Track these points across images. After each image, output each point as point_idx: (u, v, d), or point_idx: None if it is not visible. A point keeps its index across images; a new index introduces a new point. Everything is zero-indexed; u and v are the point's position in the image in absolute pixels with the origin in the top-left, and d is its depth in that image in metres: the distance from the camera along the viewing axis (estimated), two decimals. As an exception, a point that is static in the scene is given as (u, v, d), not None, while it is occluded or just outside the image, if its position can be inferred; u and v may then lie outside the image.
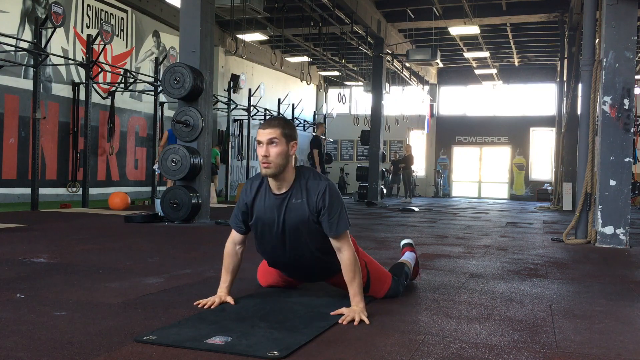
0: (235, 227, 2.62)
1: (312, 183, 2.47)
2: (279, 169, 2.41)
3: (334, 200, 2.45)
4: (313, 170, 2.57)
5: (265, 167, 2.41)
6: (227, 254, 2.63)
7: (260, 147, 2.42)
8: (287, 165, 2.44)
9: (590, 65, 5.78)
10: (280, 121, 2.46)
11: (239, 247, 2.64)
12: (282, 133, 2.41)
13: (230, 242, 2.64)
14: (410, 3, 13.37)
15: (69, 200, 9.96)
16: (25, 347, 1.89)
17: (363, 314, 2.35)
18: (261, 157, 2.40)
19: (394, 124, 18.57)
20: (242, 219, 2.59)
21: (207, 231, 6.09)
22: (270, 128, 2.41)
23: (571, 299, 3.04)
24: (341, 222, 2.45)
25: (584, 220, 5.76)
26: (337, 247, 2.47)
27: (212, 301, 2.52)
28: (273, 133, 2.40)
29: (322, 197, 2.44)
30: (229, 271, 2.61)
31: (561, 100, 15.07)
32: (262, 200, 2.52)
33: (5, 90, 9.21)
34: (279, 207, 2.48)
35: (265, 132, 2.41)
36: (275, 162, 2.40)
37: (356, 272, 2.45)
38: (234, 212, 2.63)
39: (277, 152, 2.39)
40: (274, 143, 2.40)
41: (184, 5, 7.24)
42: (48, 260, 3.74)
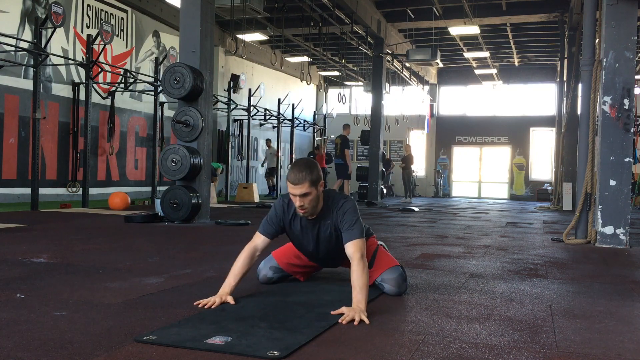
0: (266, 234, 2.82)
1: (335, 204, 2.76)
2: (314, 210, 2.73)
3: (347, 212, 2.73)
4: (335, 193, 2.85)
5: (303, 213, 2.71)
6: (243, 256, 2.74)
7: (294, 198, 2.66)
8: (318, 202, 2.73)
9: (590, 65, 5.78)
10: (306, 171, 2.62)
11: (258, 254, 2.81)
12: (310, 183, 2.62)
13: (252, 247, 2.78)
14: (410, 3, 13.37)
15: (69, 200, 9.96)
16: (25, 347, 1.89)
17: (363, 314, 2.37)
18: (298, 207, 2.68)
19: (394, 124, 18.57)
20: (276, 231, 2.84)
21: (207, 231, 6.09)
22: (300, 184, 2.61)
23: (571, 299, 3.04)
24: (354, 231, 2.68)
25: (584, 220, 5.76)
26: (349, 253, 2.66)
27: (212, 301, 2.53)
28: (303, 188, 2.62)
29: (340, 212, 2.74)
30: (236, 276, 2.68)
31: (561, 100, 15.07)
32: (298, 222, 2.83)
33: (5, 90, 9.21)
34: (313, 228, 2.82)
35: (297, 189, 2.62)
36: (310, 207, 2.70)
37: (362, 277, 2.55)
38: (265, 221, 2.84)
39: (310, 200, 2.67)
40: (307, 195, 2.64)
41: (184, 5, 7.24)
42: (48, 260, 3.74)
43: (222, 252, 4.39)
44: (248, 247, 2.77)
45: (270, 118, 16.37)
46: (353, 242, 2.66)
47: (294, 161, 2.79)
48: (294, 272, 3.11)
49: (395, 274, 2.89)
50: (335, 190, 2.88)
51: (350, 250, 2.65)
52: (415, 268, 3.88)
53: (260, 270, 3.09)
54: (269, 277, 3.06)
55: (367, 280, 2.56)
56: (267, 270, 3.06)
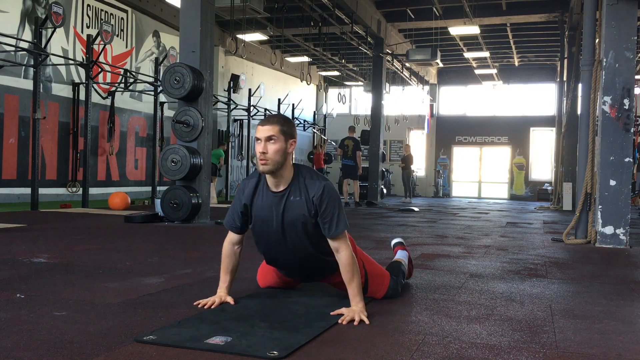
0: (231, 228, 2.60)
1: (310, 182, 2.47)
2: (276, 165, 2.41)
3: (331, 200, 2.45)
4: (310, 169, 2.58)
5: (263, 163, 2.40)
6: (225, 254, 2.62)
7: (258, 144, 2.41)
8: (285, 162, 2.44)
9: (590, 65, 5.78)
10: (279, 118, 2.46)
11: (237, 247, 2.63)
12: (280, 130, 2.40)
13: (228, 243, 2.62)
14: (410, 3, 13.37)
15: (69, 200, 9.96)
16: (25, 347, 1.89)
17: (363, 314, 2.36)
18: (259, 154, 2.40)
19: (394, 124, 18.57)
20: (240, 219, 2.57)
21: (207, 231, 6.09)
22: (268, 125, 2.40)
23: (571, 299, 3.04)
24: (339, 222, 2.45)
25: (584, 220, 5.76)
26: (334, 248, 2.47)
27: (212, 301, 2.52)
28: (271, 130, 2.39)
29: (319, 197, 2.43)
30: (228, 271, 2.61)
31: (561, 100, 15.07)
32: (260, 198, 2.52)
33: (5, 90, 9.21)
34: (277, 204, 2.48)
35: (264, 129, 2.40)
36: (273, 159, 2.39)
37: (354, 272, 2.45)
38: (229, 213, 2.62)
39: (275, 149, 2.39)
40: (272, 140, 2.39)
41: (184, 5, 7.24)
42: (48, 260, 3.74)
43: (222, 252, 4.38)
44: (225, 244, 2.63)
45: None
46: (339, 236, 2.45)
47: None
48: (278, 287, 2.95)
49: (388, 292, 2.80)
50: (311, 168, 2.67)
51: (335, 245, 2.46)
52: (415, 268, 3.87)
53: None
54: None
55: (359, 277, 2.46)
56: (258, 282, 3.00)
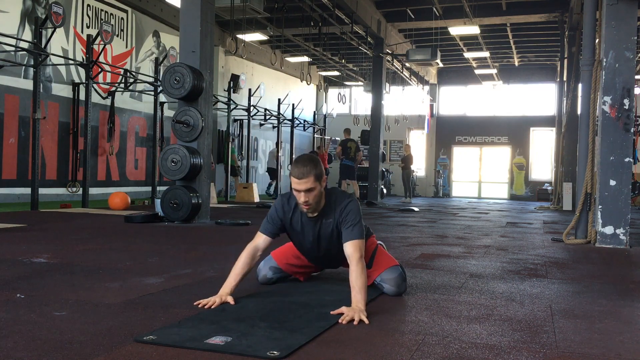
0: (267, 233, 2.81)
1: (338, 204, 2.75)
2: (318, 206, 2.73)
3: (350, 212, 2.73)
4: (339, 191, 2.84)
5: (307, 209, 2.70)
6: (244, 256, 2.74)
7: (298, 194, 2.65)
8: (321, 198, 2.73)
9: (590, 65, 5.78)
10: (310, 166, 2.62)
11: (260, 253, 2.80)
12: (315, 178, 2.62)
13: (253, 247, 2.77)
14: (410, 3, 13.37)
15: (69, 200, 9.96)
16: (25, 347, 1.89)
17: (363, 314, 2.37)
18: (302, 203, 2.67)
19: (394, 124, 18.56)
20: (277, 229, 2.83)
21: (207, 231, 6.09)
22: (304, 178, 2.60)
23: (571, 299, 3.04)
24: (354, 231, 2.68)
25: (584, 220, 5.76)
26: (347, 253, 2.66)
27: (212, 301, 2.54)
28: (308, 182, 2.61)
29: (343, 211, 2.73)
30: (237, 275, 2.68)
31: (561, 100, 15.07)
32: (299, 220, 2.81)
33: (5, 90, 9.20)
34: (314, 226, 2.81)
35: (301, 183, 2.61)
36: (314, 203, 2.69)
37: (360, 276, 2.55)
38: (266, 221, 2.84)
39: (314, 195, 2.66)
40: (311, 190, 2.63)
41: (184, 5, 7.24)
42: (48, 260, 3.74)
43: (222, 252, 4.38)
44: (249, 247, 2.77)
45: (270, 118, 16.37)
46: (352, 242, 2.66)
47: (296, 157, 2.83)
48: (293, 272, 3.11)
49: (395, 274, 2.89)
50: (339, 189, 2.88)
51: (349, 250, 2.65)
52: (415, 268, 3.88)
53: (259, 270, 3.08)
54: (269, 278, 3.05)
55: (365, 280, 2.56)
56: (266, 270, 3.06)
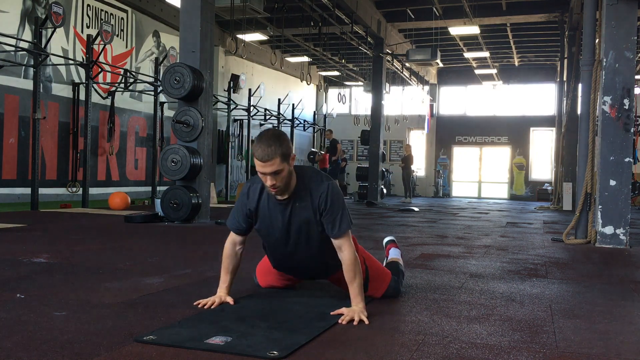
0: (235, 230, 2.60)
1: (314, 184, 2.46)
2: (287, 187, 2.42)
3: (335, 200, 2.45)
4: (312, 169, 2.57)
5: (275, 192, 2.41)
6: (226, 254, 2.63)
7: (264, 177, 2.36)
8: (291, 179, 2.43)
9: (590, 65, 5.78)
10: (275, 145, 2.31)
11: (239, 248, 2.64)
12: (281, 158, 2.31)
13: (230, 243, 2.63)
14: (410, 3, 13.36)
15: (69, 200, 9.96)
16: (25, 347, 1.89)
17: (363, 314, 2.36)
18: (269, 186, 2.38)
19: (394, 124, 18.56)
20: (244, 222, 2.57)
21: (207, 231, 6.09)
22: (269, 160, 2.29)
23: (571, 299, 3.04)
24: (343, 222, 2.45)
25: (584, 220, 5.76)
26: (337, 247, 2.48)
27: (212, 301, 2.52)
28: (274, 165, 2.30)
29: (324, 199, 2.44)
30: (228, 271, 2.61)
31: (561, 100, 15.07)
32: (266, 205, 2.51)
33: (5, 90, 9.20)
34: (284, 212, 2.49)
35: (266, 166, 2.31)
36: (283, 185, 2.39)
37: (356, 272, 2.45)
38: (232, 214, 2.61)
39: (282, 178, 2.36)
40: (278, 173, 2.34)
41: (184, 5, 7.24)
42: (48, 260, 3.74)
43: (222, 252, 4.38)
44: (227, 244, 2.63)
45: (270, 118, 16.37)
46: (343, 236, 2.45)
47: (259, 133, 2.44)
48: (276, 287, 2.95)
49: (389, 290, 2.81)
50: (312, 167, 2.59)
51: (339, 245, 2.46)
52: (415, 268, 3.87)
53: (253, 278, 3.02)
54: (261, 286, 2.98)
55: (361, 278, 2.47)
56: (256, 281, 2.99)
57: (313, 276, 2.79)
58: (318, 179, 2.48)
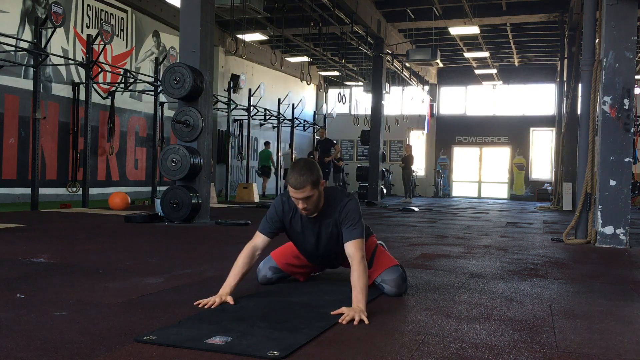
0: (267, 233, 2.80)
1: (337, 202, 2.74)
2: (317, 209, 2.71)
3: (350, 213, 2.71)
4: (337, 190, 2.82)
5: (307, 214, 2.71)
6: (243, 256, 2.73)
7: (296, 201, 2.65)
8: (320, 201, 2.70)
9: (590, 65, 5.78)
10: (306, 175, 2.57)
11: (259, 253, 2.79)
12: (312, 186, 2.59)
13: (252, 247, 2.77)
14: (410, 3, 13.37)
15: (69, 200, 9.96)
16: (25, 347, 1.89)
17: (363, 314, 2.37)
18: (301, 209, 2.67)
19: (394, 124, 18.57)
20: (276, 229, 2.82)
21: (207, 231, 6.09)
22: (302, 188, 2.57)
23: (571, 299, 3.04)
24: (355, 230, 2.67)
25: (584, 220, 5.76)
26: (349, 253, 2.65)
27: (212, 301, 2.53)
28: (305, 191, 2.58)
29: (343, 211, 2.72)
30: (237, 275, 2.67)
31: (561, 100, 15.07)
32: (299, 221, 2.80)
33: (5, 90, 9.20)
34: (314, 226, 2.80)
35: (299, 192, 2.59)
36: (313, 208, 2.68)
37: (362, 275, 2.55)
38: (265, 221, 2.82)
39: (313, 202, 2.65)
40: (309, 198, 2.61)
41: (184, 5, 7.24)
42: (48, 260, 3.74)
43: (222, 252, 4.39)
44: (248, 247, 2.76)
45: (270, 118, 16.38)
46: (353, 241, 2.64)
47: (292, 162, 2.76)
48: (292, 272, 3.10)
49: (396, 274, 2.88)
50: (338, 188, 2.86)
51: (350, 250, 2.64)
52: (415, 268, 3.88)
53: (259, 270, 3.08)
54: (268, 278, 3.05)
55: (367, 280, 2.55)
56: (266, 270, 3.06)
57: (335, 265, 3.09)
58: (339, 198, 2.76)
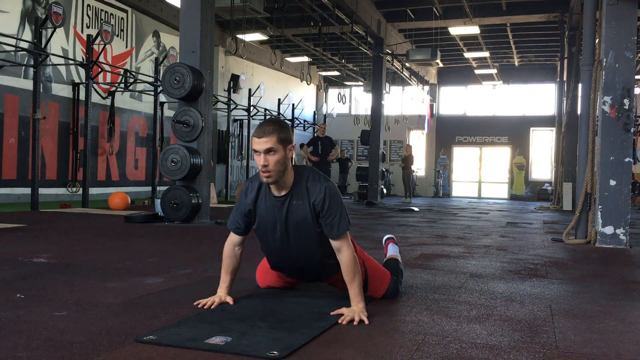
0: (234, 230, 2.60)
1: (312, 184, 2.46)
2: (279, 175, 2.40)
3: (333, 201, 2.44)
4: (312, 170, 2.55)
5: (266, 176, 2.39)
6: (226, 255, 2.63)
7: (257, 156, 2.38)
8: (286, 169, 2.42)
9: (590, 65, 5.78)
10: (275, 126, 2.37)
11: (238, 249, 2.64)
12: (278, 139, 2.35)
13: (229, 244, 2.64)
14: (410, 3, 13.37)
15: (69, 200, 9.96)
16: (25, 347, 1.89)
17: (363, 314, 2.35)
18: (260, 167, 2.37)
19: (394, 124, 18.57)
20: (243, 222, 2.57)
21: (207, 231, 6.09)
22: (265, 137, 2.34)
23: (571, 299, 3.04)
24: (341, 223, 2.45)
25: (584, 220, 5.76)
26: (336, 248, 2.48)
27: (211, 301, 2.52)
28: (269, 142, 2.34)
29: (321, 200, 2.43)
30: (228, 272, 2.62)
31: (561, 100, 15.07)
32: (264, 203, 2.51)
33: (5, 90, 9.20)
34: (280, 209, 2.48)
35: (262, 142, 2.34)
36: (275, 170, 2.37)
37: (356, 272, 2.45)
38: (232, 214, 2.62)
39: (276, 160, 2.36)
40: (272, 152, 2.35)
41: (184, 5, 7.24)
42: (48, 260, 3.74)
43: (222, 252, 4.37)
44: (226, 245, 2.64)
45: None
46: (341, 238, 2.45)
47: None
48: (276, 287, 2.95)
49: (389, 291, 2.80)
50: (311, 168, 2.62)
51: (338, 246, 2.45)
52: (415, 268, 3.88)
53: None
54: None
55: (361, 278, 2.46)
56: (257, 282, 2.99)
57: (312, 277, 2.74)
58: (316, 180, 2.47)
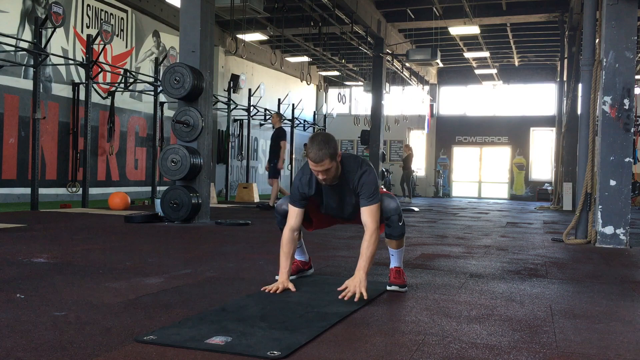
0: (299, 205, 2.96)
1: (353, 172, 2.88)
2: (334, 180, 2.87)
3: (366, 184, 2.87)
4: (352, 159, 2.92)
5: (324, 183, 2.87)
6: (286, 241, 2.94)
7: (316, 172, 2.81)
8: (338, 170, 2.86)
9: (590, 65, 5.78)
10: (324, 150, 2.71)
11: (296, 233, 2.97)
12: (330, 160, 2.74)
13: (288, 230, 2.95)
14: (410, 3, 13.37)
15: (69, 200, 9.96)
16: (25, 347, 1.89)
17: (363, 288, 2.61)
18: (320, 179, 2.83)
19: (394, 124, 18.57)
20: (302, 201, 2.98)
21: (207, 231, 6.09)
22: (321, 162, 2.73)
23: (571, 299, 3.04)
24: (371, 199, 2.85)
25: (584, 220, 5.76)
26: (364, 219, 2.84)
27: (276, 287, 2.80)
28: (324, 164, 2.74)
29: (358, 181, 2.88)
30: (288, 257, 2.92)
31: (561, 100, 15.07)
32: (316, 188, 2.96)
33: (5, 90, 9.20)
34: (334, 191, 2.98)
35: (318, 166, 2.75)
36: (330, 178, 2.83)
37: (372, 243, 2.77)
38: (292, 198, 2.99)
39: (331, 173, 2.81)
40: (328, 170, 2.77)
41: (184, 5, 7.23)
42: (48, 260, 3.74)
43: (222, 252, 4.39)
44: (285, 231, 2.96)
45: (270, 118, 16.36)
46: (369, 207, 2.83)
47: (311, 136, 2.87)
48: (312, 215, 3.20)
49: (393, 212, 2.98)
50: (352, 157, 2.95)
51: (365, 217, 2.83)
52: (416, 268, 3.88)
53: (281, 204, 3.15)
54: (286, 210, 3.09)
55: (374, 250, 2.77)
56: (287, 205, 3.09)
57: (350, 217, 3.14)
58: (354, 169, 2.89)
